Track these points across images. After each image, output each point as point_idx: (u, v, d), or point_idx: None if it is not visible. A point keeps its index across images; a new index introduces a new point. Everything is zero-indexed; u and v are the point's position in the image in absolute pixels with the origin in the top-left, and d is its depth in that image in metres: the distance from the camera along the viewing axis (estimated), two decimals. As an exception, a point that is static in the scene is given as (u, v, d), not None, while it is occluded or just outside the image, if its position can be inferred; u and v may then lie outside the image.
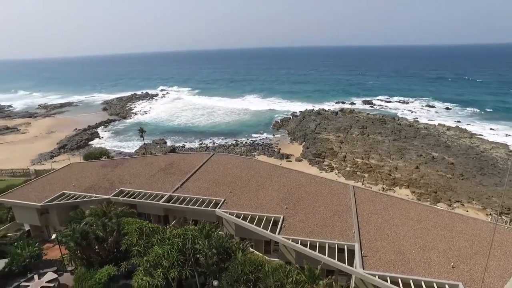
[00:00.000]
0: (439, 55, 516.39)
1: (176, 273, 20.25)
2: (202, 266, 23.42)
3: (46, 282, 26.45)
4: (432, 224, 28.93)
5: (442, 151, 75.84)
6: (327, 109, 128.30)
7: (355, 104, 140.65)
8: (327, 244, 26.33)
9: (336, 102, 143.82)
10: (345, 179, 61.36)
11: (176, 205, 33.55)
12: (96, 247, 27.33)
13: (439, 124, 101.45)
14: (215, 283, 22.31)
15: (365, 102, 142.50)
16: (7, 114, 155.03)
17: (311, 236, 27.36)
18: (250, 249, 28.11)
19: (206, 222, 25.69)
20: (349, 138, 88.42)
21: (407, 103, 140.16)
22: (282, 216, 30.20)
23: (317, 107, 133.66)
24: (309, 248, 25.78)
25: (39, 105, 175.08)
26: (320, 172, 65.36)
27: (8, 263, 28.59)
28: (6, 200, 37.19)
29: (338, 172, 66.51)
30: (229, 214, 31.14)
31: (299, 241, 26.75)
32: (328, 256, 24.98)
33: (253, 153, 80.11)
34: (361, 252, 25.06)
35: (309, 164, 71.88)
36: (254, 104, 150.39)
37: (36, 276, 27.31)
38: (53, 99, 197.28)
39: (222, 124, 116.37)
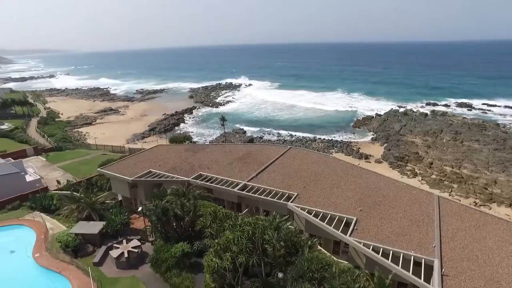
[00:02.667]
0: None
1: (244, 260, 20.98)
2: (269, 256, 23.89)
3: (131, 247, 29.81)
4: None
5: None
6: (415, 110, 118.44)
7: (449, 106, 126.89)
8: (402, 254, 24.56)
9: (427, 104, 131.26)
10: (429, 187, 56.20)
11: (249, 194, 34.61)
12: (174, 224, 29.74)
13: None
14: (280, 275, 22.60)
15: (461, 105, 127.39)
16: (111, 97, 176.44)
17: (385, 243, 25.78)
18: (319, 247, 27.77)
19: (277, 214, 26.00)
20: (438, 143, 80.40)
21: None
22: (355, 218, 29.08)
23: (403, 107, 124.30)
24: (381, 256, 24.35)
25: (136, 91, 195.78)
26: (401, 177, 60.96)
27: (105, 225, 32.94)
28: (106, 172, 42.67)
29: (422, 179, 61.21)
30: (300, 209, 31.08)
31: (371, 246, 25.46)
32: (401, 267, 23.29)
33: (330, 150, 78.24)
34: (442, 270, 22.82)
35: (390, 167, 67.55)
36: (335, 100, 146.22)
37: (124, 241, 30.95)
38: (148, 85, 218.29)
39: (301, 119, 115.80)
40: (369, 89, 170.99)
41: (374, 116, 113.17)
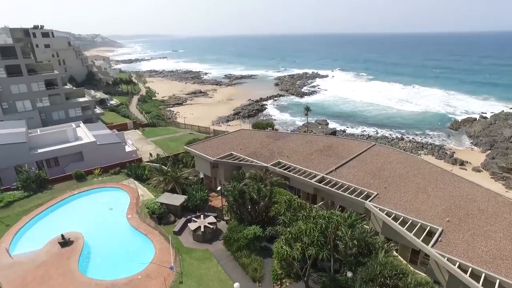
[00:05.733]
0: None
1: (314, 252, 20.65)
2: (339, 253, 23.15)
3: (208, 223, 31.67)
4: None
5: None
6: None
7: None
8: (498, 280, 21.21)
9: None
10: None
11: (326, 187, 33.79)
12: (249, 207, 30.59)
13: None
14: (349, 274, 21.76)
15: None
16: (202, 80, 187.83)
17: (476, 263, 22.71)
18: (394, 252, 25.91)
19: (353, 212, 24.93)
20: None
21: None
22: (440, 229, 26.28)
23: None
24: (469, 276, 21.61)
25: (224, 75, 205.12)
26: (506, 191, 53.18)
27: (186, 199, 35.55)
28: (191, 150, 45.76)
29: (533, 197, 52.51)
30: (379, 210, 29.32)
31: (457, 263, 22.75)
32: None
33: (419, 152, 71.99)
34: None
35: (491, 177, 59.42)
36: (429, 97, 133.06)
37: (202, 216, 32.99)
38: (236, 71, 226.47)
39: (388, 115, 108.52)
40: (470, 86, 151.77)
41: (478, 118, 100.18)
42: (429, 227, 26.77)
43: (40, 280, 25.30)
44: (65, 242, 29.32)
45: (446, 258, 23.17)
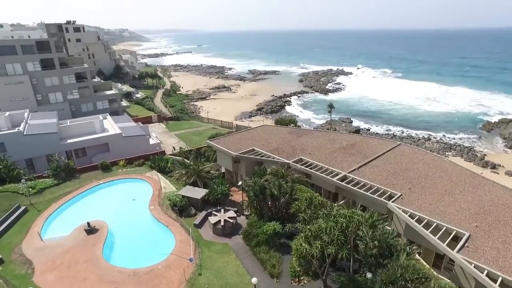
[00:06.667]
0: None
1: (333, 251, 20.40)
2: (359, 253, 22.75)
3: (228, 217, 31.92)
4: None
5: None
6: None
7: None
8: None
9: None
10: None
11: (348, 186, 33.27)
12: (269, 203, 30.57)
13: None
14: (369, 275, 21.33)
15: None
16: (226, 75, 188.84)
17: (507, 273, 21.52)
18: (417, 256, 25.21)
19: (375, 212, 24.40)
20: None
21: None
22: (468, 234, 25.24)
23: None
24: (499, 286, 20.54)
25: (248, 71, 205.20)
26: (539, 197, 50.45)
27: (207, 193, 35.96)
28: (214, 144, 46.16)
29: None
30: (402, 211, 28.57)
31: (486, 271, 21.78)
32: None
33: (446, 153, 69.59)
34: None
35: (525, 182, 56.54)
36: (459, 95, 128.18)
37: (222, 210, 33.30)
38: (260, 66, 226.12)
39: (416, 114, 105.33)
40: (505, 85, 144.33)
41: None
42: (455, 232, 25.82)
43: (67, 264, 26.46)
44: (90, 230, 30.40)
45: (473, 265, 22.27)
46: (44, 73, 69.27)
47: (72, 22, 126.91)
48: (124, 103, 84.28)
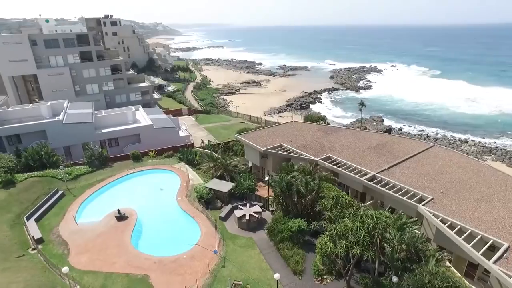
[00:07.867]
0: None
1: (358, 252, 20.01)
2: (386, 256, 22.18)
3: (253, 212, 32.06)
4: None
5: None
6: None
7: None
8: None
9: None
10: None
11: (377, 186, 32.41)
12: (295, 200, 30.38)
13: None
14: (395, 279, 20.72)
15: None
16: (256, 70, 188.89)
17: (547, 287, 20.13)
18: (447, 263, 24.18)
19: (404, 215, 23.62)
20: None
21: None
22: (507, 244, 23.66)
23: None
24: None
25: (279, 66, 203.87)
26: None
27: (234, 187, 36.27)
28: (242, 138, 46.39)
29: None
30: (433, 215, 27.48)
31: (524, 284, 20.51)
32: None
33: (485, 157, 66.08)
34: None
35: None
36: (503, 96, 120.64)
37: (248, 204, 33.48)
38: (291, 62, 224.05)
39: (453, 114, 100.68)
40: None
41: None
42: (492, 241, 24.38)
43: (99, 248, 27.76)
44: (120, 217, 31.60)
45: None
46: (83, 65, 72.44)
47: (109, 16, 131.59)
48: (156, 95, 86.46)
